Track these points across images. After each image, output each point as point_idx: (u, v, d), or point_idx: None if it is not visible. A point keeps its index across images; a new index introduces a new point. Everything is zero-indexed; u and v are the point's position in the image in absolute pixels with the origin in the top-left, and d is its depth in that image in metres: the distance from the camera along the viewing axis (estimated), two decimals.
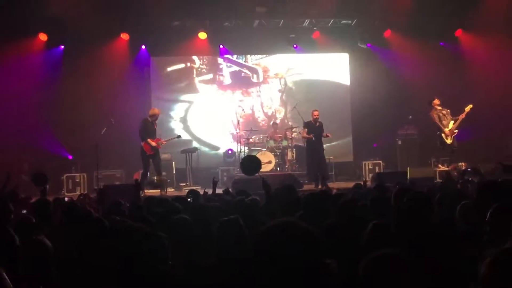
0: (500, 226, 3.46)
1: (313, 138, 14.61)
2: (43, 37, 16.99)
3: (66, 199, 7.83)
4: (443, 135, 15.12)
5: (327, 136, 15.02)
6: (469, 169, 14.26)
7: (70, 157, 17.09)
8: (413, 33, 17.37)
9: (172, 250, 3.62)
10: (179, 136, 15.54)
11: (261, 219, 5.38)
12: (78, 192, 14.61)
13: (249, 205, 5.80)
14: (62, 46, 17.46)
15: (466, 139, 15.61)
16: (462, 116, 15.01)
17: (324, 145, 15.41)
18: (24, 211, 6.79)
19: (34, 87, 16.66)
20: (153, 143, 14.15)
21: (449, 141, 15.13)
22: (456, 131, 15.12)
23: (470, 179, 12.46)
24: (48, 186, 8.70)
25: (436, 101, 15.32)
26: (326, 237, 4.09)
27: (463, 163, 15.11)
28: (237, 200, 6.28)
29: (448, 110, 15.32)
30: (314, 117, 14.79)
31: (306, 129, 14.91)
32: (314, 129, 14.72)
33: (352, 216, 4.94)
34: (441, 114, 15.24)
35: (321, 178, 14.36)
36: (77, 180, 16.21)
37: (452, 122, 15.15)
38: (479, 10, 16.82)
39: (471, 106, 14.87)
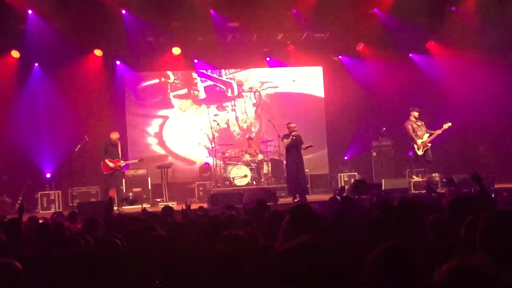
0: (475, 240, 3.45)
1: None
2: (15, 54, 16.79)
3: (40, 221, 7.72)
4: (415, 146, 15.27)
5: (311, 146, 14.86)
6: (444, 180, 14.45)
7: (49, 174, 16.90)
8: (385, 45, 17.55)
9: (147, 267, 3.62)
10: (141, 160, 15.90)
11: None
12: (52, 210, 14.51)
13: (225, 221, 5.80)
14: (36, 64, 17.27)
15: (438, 148, 15.74)
16: (439, 132, 15.15)
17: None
18: None
19: (7, 105, 16.55)
20: (111, 164, 14.72)
21: (420, 152, 15.27)
22: (429, 144, 15.26)
23: (443, 191, 12.64)
24: (23, 205, 8.59)
25: (415, 113, 15.43)
26: None
27: (437, 174, 15.22)
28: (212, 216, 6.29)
29: (423, 122, 15.47)
30: (291, 129, 14.41)
31: (285, 140, 14.47)
32: (292, 141, 14.42)
33: None
34: (415, 125, 15.36)
35: (300, 192, 14.33)
36: (52, 198, 16.00)
37: (427, 134, 15.28)
38: (449, 22, 17.11)
39: (449, 124, 14.99)
